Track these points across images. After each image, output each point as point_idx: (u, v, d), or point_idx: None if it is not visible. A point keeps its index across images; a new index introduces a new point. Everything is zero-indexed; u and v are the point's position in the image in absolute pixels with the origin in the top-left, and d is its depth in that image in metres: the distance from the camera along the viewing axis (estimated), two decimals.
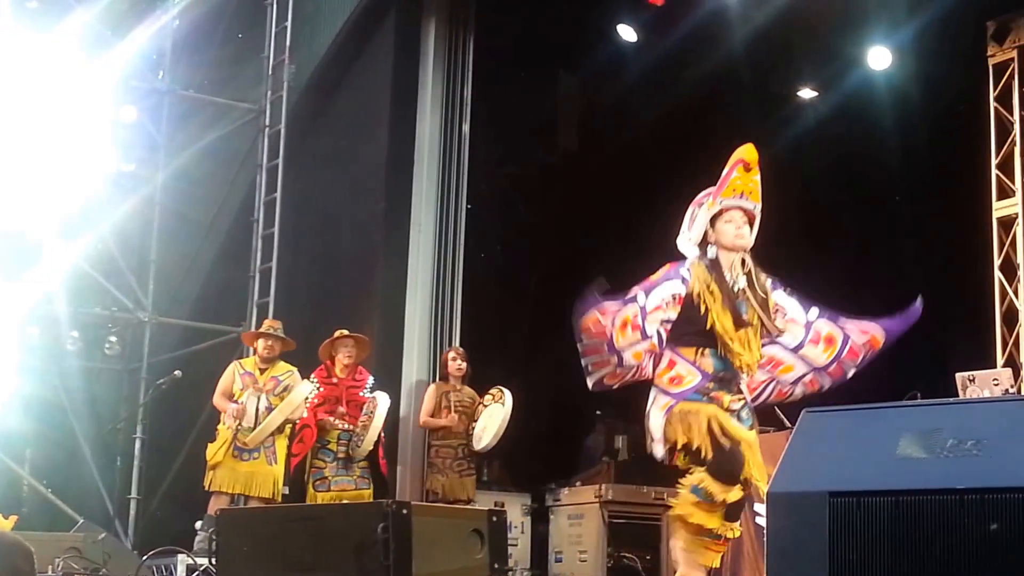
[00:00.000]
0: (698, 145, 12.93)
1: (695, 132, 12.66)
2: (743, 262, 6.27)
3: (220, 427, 9.48)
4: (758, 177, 6.39)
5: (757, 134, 12.62)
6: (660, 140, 12.90)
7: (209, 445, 9.47)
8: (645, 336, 6.15)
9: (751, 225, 6.32)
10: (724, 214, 6.32)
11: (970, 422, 4.05)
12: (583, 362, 6.31)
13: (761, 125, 12.73)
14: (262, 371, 9.62)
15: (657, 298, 6.16)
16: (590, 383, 6.32)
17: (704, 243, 6.33)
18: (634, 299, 6.18)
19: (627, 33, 12.23)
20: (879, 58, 11.78)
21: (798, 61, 12.50)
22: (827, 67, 12.37)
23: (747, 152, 6.37)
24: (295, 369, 9.70)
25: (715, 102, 12.49)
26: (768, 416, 8.25)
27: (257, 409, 9.39)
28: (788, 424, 7.86)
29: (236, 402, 9.41)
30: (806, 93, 12.98)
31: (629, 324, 6.13)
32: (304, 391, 9.43)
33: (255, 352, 9.77)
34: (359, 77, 12.08)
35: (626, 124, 13.01)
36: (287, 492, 9.61)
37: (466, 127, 11.83)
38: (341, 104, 12.27)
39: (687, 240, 6.37)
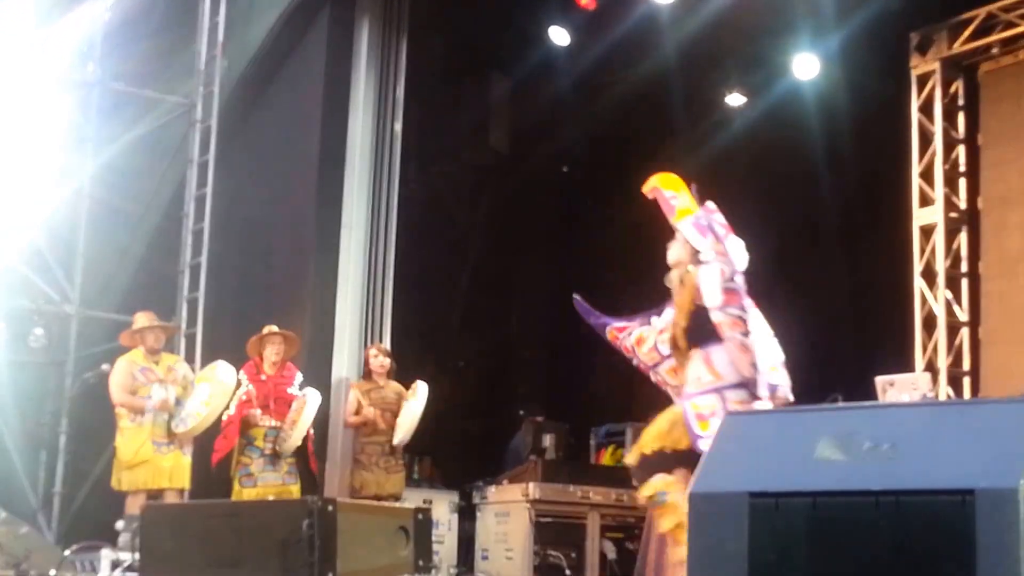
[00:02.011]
0: (628, 148, 13.09)
1: (625, 135, 12.79)
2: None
3: (127, 425, 9.41)
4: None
5: (686, 138, 12.89)
6: (591, 142, 13.01)
7: (121, 445, 9.41)
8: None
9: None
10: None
11: (887, 425, 4.11)
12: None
13: (690, 129, 12.89)
14: (156, 363, 9.60)
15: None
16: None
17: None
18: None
19: (559, 36, 12.31)
20: (806, 66, 11.95)
21: (727, 67, 12.65)
22: (755, 74, 12.53)
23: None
24: (180, 357, 9.74)
25: (645, 106, 12.60)
26: None
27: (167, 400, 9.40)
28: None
29: (144, 398, 9.38)
30: (735, 99, 13.12)
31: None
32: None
33: (145, 347, 9.67)
34: (292, 74, 12.07)
35: (557, 126, 13.10)
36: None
37: (398, 126, 11.85)
38: (273, 100, 12.24)
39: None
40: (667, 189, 6.66)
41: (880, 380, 7.77)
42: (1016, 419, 3.91)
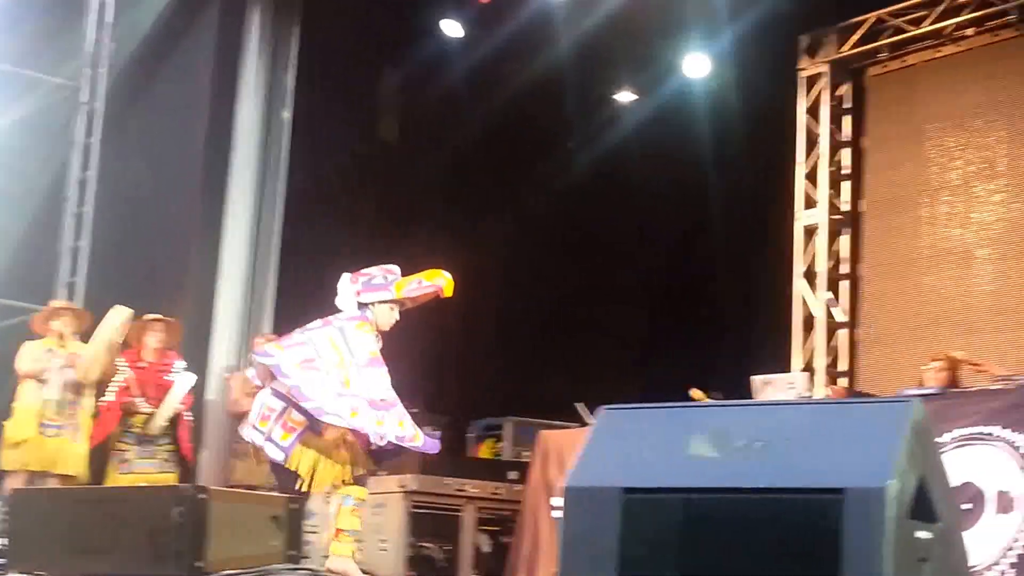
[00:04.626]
0: (519, 142, 13.11)
1: (517, 129, 12.79)
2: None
3: (19, 405, 9.26)
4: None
5: (579, 135, 12.93)
6: (482, 136, 12.99)
7: (8, 425, 9.25)
8: None
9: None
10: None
11: (761, 424, 4.15)
12: None
13: (583, 126, 12.93)
14: (63, 347, 9.45)
15: None
16: None
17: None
18: None
19: (453, 29, 12.28)
20: (697, 65, 12.03)
21: (619, 64, 12.71)
22: (647, 72, 12.60)
23: (447, 288, 7.00)
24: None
25: (538, 101, 12.61)
26: None
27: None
28: (589, 421, 8.01)
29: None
30: (626, 96, 13.19)
31: None
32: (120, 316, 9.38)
33: (53, 334, 9.52)
34: (181, 57, 11.90)
35: (449, 119, 13.06)
36: None
37: (287, 114, 11.75)
38: (161, 84, 12.06)
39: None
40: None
41: (756, 379, 7.83)
42: (886, 420, 3.97)
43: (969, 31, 11.04)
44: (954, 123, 11.05)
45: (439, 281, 7.01)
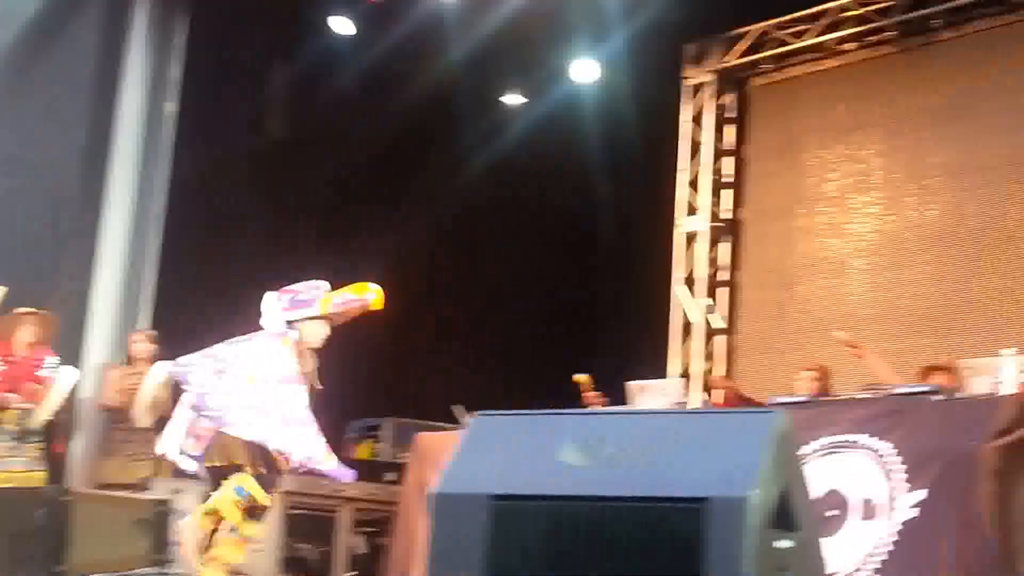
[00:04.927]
0: (410, 143, 13.07)
1: (407, 130, 12.75)
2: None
3: None
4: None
5: (469, 136, 12.93)
6: (372, 136, 12.93)
7: None
8: None
9: None
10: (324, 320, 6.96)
11: (629, 432, 4.18)
12: None
13: (472, 128, 12.92)
14: None
15: None
16: None
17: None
18: None
19: (343, 26, 12.22)
20: (585, 70, 12.10)
21: (509, 67, 12.73)
22: (536, 76, 12.64)
23: (375, 302, 6.99)
24: None
25: (429, 102, 12.58)
26: None
27: None
28: (465, 423, 8.02)
29: None
30: (515, 100, 13.22)
31: None
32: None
33: None
34: (63, 45, 11.68)
35: (340, 117, 12.98)
36: None
37: (171, 106, 11.60)
38: (42, 72, 11.84)
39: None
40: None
41: (631, 385, 7.88)
42: (750, 430, 4.02)
43: (850, 46, 11.26)
44: (833, 135, 11.25)
45: (367, 296, 6.97)
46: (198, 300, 12.02)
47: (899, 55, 11.02)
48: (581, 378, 9.04)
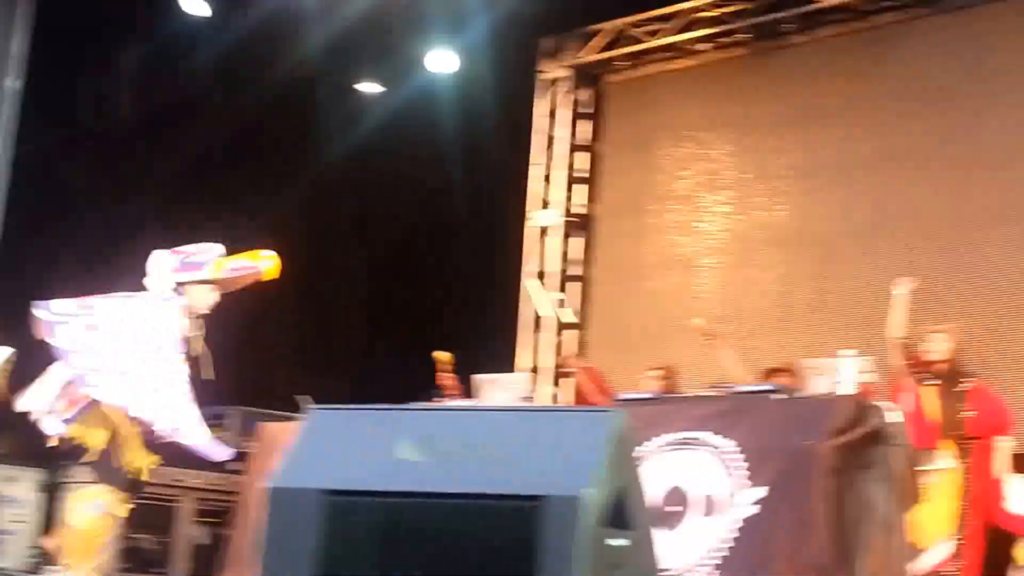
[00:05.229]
0: (264, 128, 12.89)
1: (262, 114, 12.57)
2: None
3: None
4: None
5: (325, 125, 12.79)
6: (225, 119, 12.73)
7: None
8: None
9: None
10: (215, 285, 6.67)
11: (467, 429, 4.17)
12: None
13: (329, 117, 12.79)
14: None
15: None
16: None
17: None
18: None
19: (198, 7, 12.00)
20: (442, 61, 12.05)
21: (367, 55, 12.62)
22: (393, 64, 12.54)
23: (269, 271, 6.77)
24: None
25: (285, 88, 12.42)
26: None
27: None
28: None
29: None
30: (373, 88, 13.12)
31: None
32: None
33: None
34: None
35: (191, 99, 12.76)
36: None
37: (15, 83, 11.30)
38: None
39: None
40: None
41: (478, 378, 7.84)
42: (588, 429, 4.03)
43: (704, 47, 11.38)
44: (685, 134, 11.36)
45: (261, 263, 6.71)
46: (38, 281, 11.74)
47: (752, 57, 11.16)
48: (442, 356, 8.93)
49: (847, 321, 9.93)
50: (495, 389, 7.56)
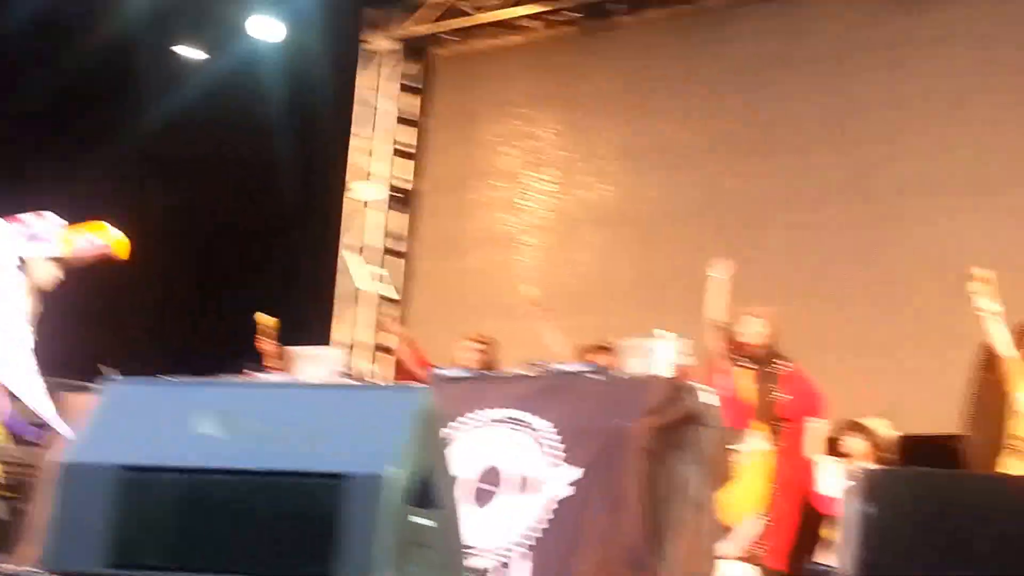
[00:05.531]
0: (82, 92, 12.53)
1: (80, 78, 12.23)
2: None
3: None
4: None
5: (146, 91, 12.47)
6: (43, 82, 12.36)
7: None
8: None
9: None
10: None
11: (270, 405, 4.11)
12: None
13: (150, 82, 12.49)
14: None
15: None
16: None
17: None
18: None
19: None
20: (265, 30, 11.83)
21: (188, 22, 12.35)
22: (216, 30, 12.31)
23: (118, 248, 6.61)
24: None
25: (101, 51, 12.09)
26: None
27: None
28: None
29: None
30: (195, 54, 12.84)
31: None
32: None
33: None
34: None
35: (4, 61, 12.36)
36: None
37: None
38: None
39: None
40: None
41: (292, 352, 7.67)
42: (395, 407, 3.99)
43: (533, 24, 11.35)
44: (512, 111, 11.34)
45: (111, 240, 6.44)
46: None
47: (581, 36, 11.19)
48: (264, 319, 8.75)
49: (667, 302, 9.98)
50: (308, 363, 7.41)
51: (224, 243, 12.62)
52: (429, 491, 3.90)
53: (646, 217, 10.61)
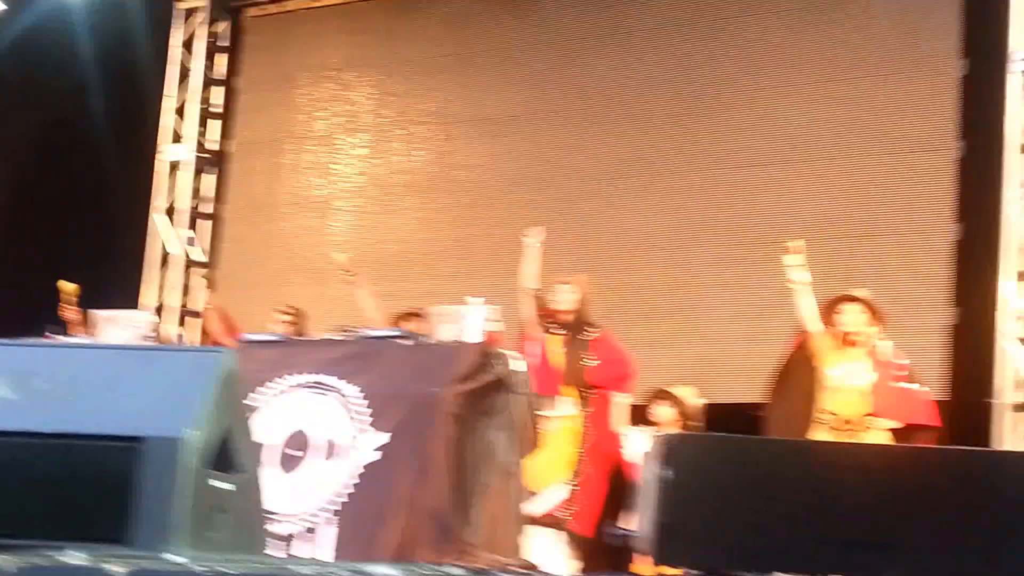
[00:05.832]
0: None
1: None
2: None
3: None
4: None
5: None
6: None
7: None
8: None
9: None
10: None
11: (66, 367, 4.01)
12: None
13: None
14: None
15: None
16: None
17: None
18: None
19: None
20: None
21: None
22: None
23: None
24: None
25: None
26: None
27: None
28: None
29: None
30: None
31: None
32: None
33: None
34: None
35: None
36: None
37: None
38: None
39: None
40: None
41: (96, 314, 7.50)
42: (194, 369, 3.94)
43: None
44: (325, 74, 11.23)
45: None
46: None
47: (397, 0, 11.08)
48: (66, 287, 8.52)
49: (482, 269, 10.00)
50: (114, 326, 7.24)
51: (30, 206, 12.26)
52: (229, 455, 3.86)
53: (460, 184, 10.59)
